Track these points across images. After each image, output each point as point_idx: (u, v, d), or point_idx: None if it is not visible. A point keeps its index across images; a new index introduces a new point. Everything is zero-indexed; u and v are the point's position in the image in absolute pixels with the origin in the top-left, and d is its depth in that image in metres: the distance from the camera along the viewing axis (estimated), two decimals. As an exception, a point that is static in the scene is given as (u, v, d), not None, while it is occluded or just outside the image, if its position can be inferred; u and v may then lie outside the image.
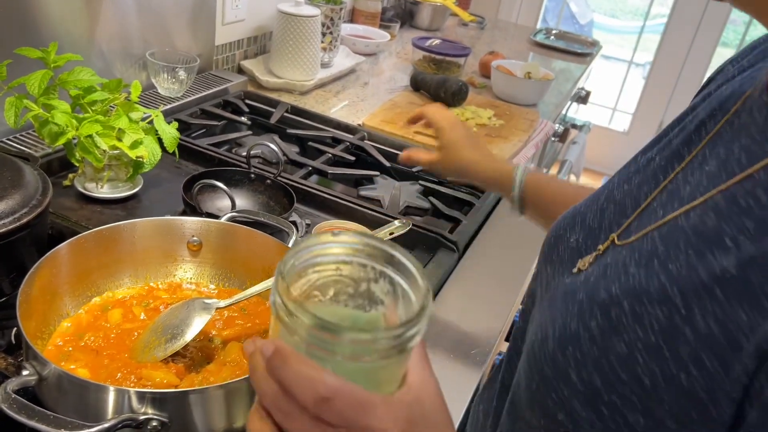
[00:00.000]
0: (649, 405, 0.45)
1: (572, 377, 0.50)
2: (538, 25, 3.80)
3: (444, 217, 1.28)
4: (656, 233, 0.51)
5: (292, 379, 0.38)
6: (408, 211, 1.30)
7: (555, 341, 0.53)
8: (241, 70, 1.80)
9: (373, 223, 1.13)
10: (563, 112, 2.33)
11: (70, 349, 0.73)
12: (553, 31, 2.88)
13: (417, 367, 0.44)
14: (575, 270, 0.59)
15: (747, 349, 0.40)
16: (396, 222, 0.84)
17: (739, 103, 0.53)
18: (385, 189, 1.34)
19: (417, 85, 1.87)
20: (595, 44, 2.79)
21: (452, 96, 1.76)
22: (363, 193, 1.31)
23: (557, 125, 2.04)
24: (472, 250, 1.18)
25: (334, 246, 0.42)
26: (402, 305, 0.42)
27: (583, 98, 2.62)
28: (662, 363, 0.45)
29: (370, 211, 1.17)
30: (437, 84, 1.80)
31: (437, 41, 2.14)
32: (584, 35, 2.99)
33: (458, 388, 0.88)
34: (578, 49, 2.67)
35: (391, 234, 0.84)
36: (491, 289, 1.09)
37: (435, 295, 1.04)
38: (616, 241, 0.56)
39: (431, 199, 1.33)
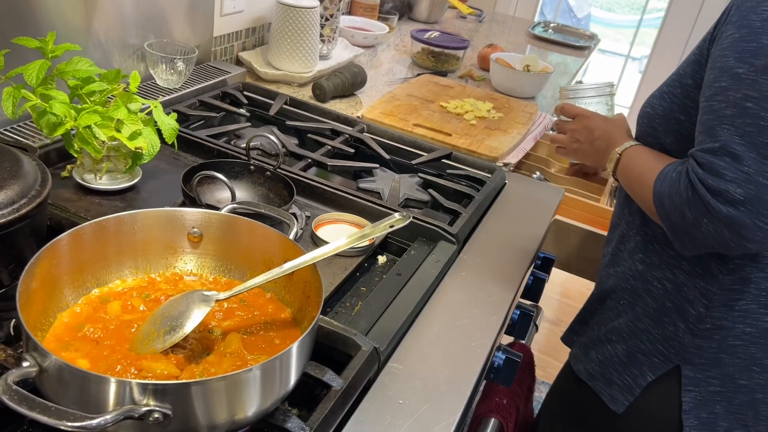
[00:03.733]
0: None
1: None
2: (536, 18, 3.79)
3: (443, 209, 1.28)
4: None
5: (570, 109, 1.18)
6: (408, 204, 1.29)
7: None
8: (239, 62, 1.79)
9: (373, 216, 1.13)
10: (561, 105, 2.33)
11: (69, 339, 0.73)
12: (552, 24, 2.88)
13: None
14: None
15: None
16: (396, 214, 0.84)
17: None
18: (384, 181, 1.33)
19: (323, 95, 1.69)
20: (593, 38, 2.78)
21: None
22: (362, 185, 1.31)
23: (556, 118, 2.03)
24: (471, 242, 1.18)
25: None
26: None
27: (581, 92, 2.61)
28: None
29: (370, 204, 1.17)
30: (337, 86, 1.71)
31: (436, 34, 2.14)
32: (582, 29, 2.99)
33: (458, 379, 0.88)
34: (576, 43, 2.67)
35: (391, 226, 0.84)
36: (491, 281, 1.09)
37: (435, 287, 1.04)
38: None
39: (431, 191, 1.32)
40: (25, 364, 0.61)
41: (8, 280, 0.80)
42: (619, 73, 4.20)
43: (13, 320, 0.80)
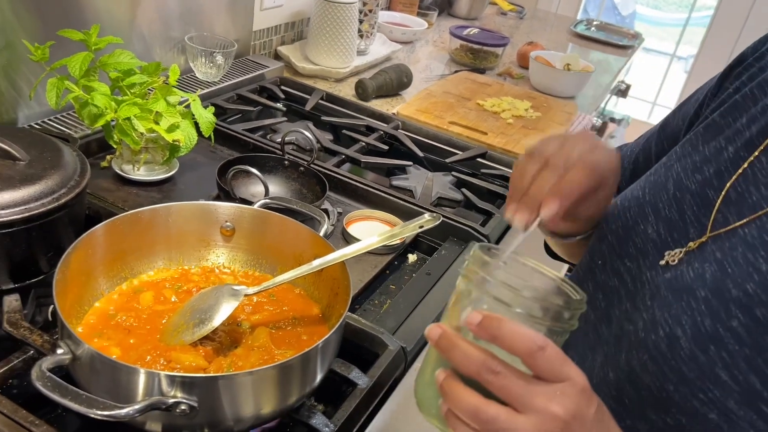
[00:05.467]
0: None
1: (723, 377, 0.51)
2: (579, 16, 3.72)
3: (476, 209, 1.27)
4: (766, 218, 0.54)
5: (510, 333, 0.45)
6: (440, 203, 1.29)
7: (690, 341, 0.54)
8: (277, 56, 1.81)
9: (405, 214, 1.13)
10: (602, 105, 2.29)
11: (102, 328, 0.74)
12: (594, 22, 2.83)
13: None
14: (663, 262, 0.60)
15: None
16: (426, 215, 0.84)
17: None
18: (417, 179, 1.33)
19: (365, 94, 1.67)
20: (637, 36, 2.73)
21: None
22: (395, 182, 1.31)
23: (595, 119, 2.00)
24: (504, 244, 1.16)
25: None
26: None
27: (623, 92, 2.56)
28: None
29: (402, 202, 1.17)
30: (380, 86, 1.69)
31: (475, 30, 2.12)
32: (626, 27, 2.93)
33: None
34: (620, 41, 2.61)
35: (421, 227, 0.83)
36: (522, 284, 1.08)
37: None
38: (708, 233, 0.58)
39: (464, 190, 1.31)
40: (59, 351, 0.63)
41: (47, 268, 0.82)
42: (664, 73, 4.11)
43: (51, 306, 0.83)
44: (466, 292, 0.51)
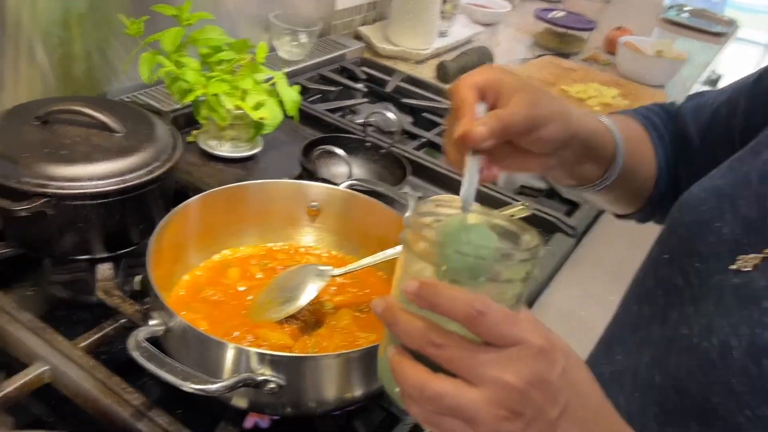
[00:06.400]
0: None
1: None
2: (667, 1, 3.55)
3: (560, 198, 1.22)
4: None
5: (447, 300, 0.40)
6: (522, 191, 1.25)
7: (743, 353, 0.48)
8: (358, 36, 1.79)
9: (488, 202, 1.10)
10: (691, 95, 2.18)
11: (190, 301, 0.75)
12: (687, 8, 2.69)
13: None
14: (734, 267, 0.53)
15: None
16: (518, 205, 0.81)
17: None
18: (499, 166, 1.29)
19: (446, 76, 1.64)
20: (732, 24, 2.58)
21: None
22: (476, 168, 1.28)
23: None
24: (590, 236, 1.12)
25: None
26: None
27: (714, 81, 2.43)
28: None
29: (485, 189, 1.14)
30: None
31: (561, 13, 2.05)
32: (719, 13, 2.77)
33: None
34: (713, 29, 2.47)
35: (512, 216, 0.80)
36: (607, 281, 1.03)
37: (548, 281, 0.99)
38: None
39: (548, 179, 1.27)
40: (152, 322, 0.64)
41: (138, 239, 0.83)
42: (756, 64, 3.88)
43: (137, 276, 0.84)
44: (408, 257, 0.45)
